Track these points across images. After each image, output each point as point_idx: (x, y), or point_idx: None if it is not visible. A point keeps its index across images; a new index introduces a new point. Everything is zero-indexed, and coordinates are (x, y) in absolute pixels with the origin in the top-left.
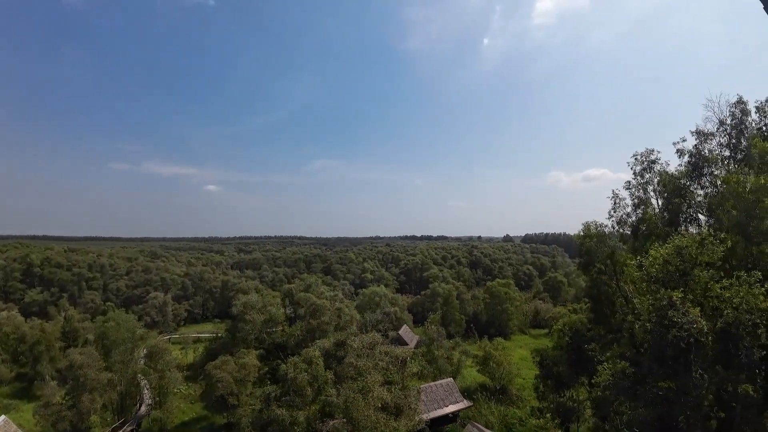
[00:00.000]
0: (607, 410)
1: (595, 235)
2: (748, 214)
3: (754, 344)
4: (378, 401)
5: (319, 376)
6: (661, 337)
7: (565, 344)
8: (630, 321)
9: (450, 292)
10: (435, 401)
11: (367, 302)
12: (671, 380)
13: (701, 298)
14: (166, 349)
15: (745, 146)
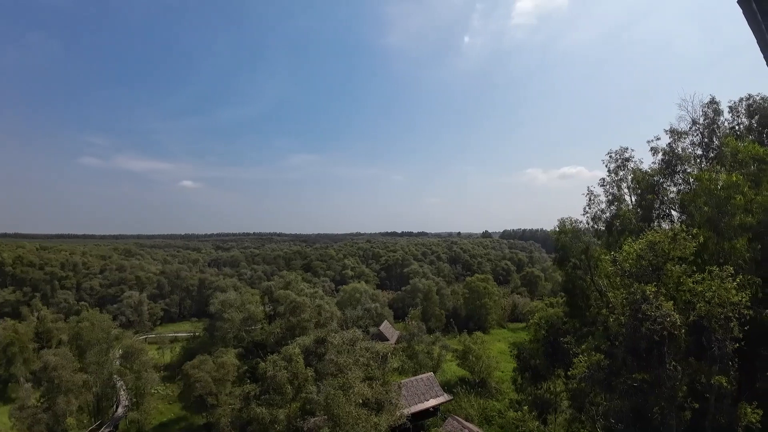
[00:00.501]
0: (583, 402)
1: (570, 231)
2: (719, 210)
3: (726, 337)
4: (359, 397)
5: (299, 374)
6: (635, 330)
7: (541, 337)
8: (604, 314)
9: (430, 287)
10: (416, 396)
11: (347, 299)
12: (645, 372)
13: (674, 292)
14: (143, 350)
15: (717, 145)
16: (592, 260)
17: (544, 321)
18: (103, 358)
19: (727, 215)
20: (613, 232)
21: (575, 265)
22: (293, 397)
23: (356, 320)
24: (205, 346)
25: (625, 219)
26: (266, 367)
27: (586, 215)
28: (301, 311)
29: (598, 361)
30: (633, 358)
